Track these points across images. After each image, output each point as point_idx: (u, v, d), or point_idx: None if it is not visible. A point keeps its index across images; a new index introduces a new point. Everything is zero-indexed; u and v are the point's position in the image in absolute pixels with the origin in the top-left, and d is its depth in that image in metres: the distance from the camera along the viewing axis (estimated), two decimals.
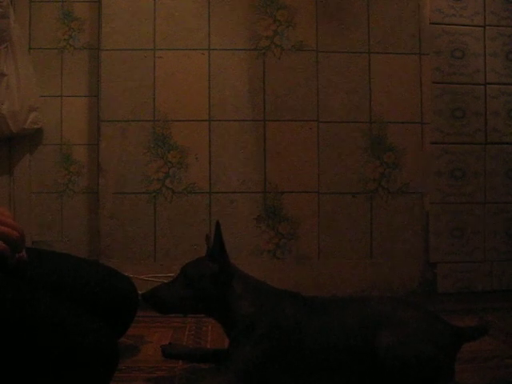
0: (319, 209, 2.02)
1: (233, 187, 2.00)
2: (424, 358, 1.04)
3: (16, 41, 1.97)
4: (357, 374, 1.10)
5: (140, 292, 1.48)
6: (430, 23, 2.06)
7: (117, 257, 1.96)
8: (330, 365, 1.11)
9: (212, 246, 1.23)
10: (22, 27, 2.03)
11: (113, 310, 1.28)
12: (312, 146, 2.02)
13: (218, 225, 1.20)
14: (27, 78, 2.00)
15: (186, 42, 2.00)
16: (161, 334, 1.65)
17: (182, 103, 1.99)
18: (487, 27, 2.09)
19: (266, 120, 2.01)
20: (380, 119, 2.04)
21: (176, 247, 1.98)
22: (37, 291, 1.02)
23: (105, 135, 1.98)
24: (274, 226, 2.01)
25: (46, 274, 1.24)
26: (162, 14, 1.99)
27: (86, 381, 0.95)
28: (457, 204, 2.08)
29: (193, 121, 2.00)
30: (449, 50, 2.07)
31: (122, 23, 1.98)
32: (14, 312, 0.93)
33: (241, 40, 2.01)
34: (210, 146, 1.99)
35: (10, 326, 0.91)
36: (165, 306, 1.23)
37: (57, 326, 0.94)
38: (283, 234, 2.02)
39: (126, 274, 1.56)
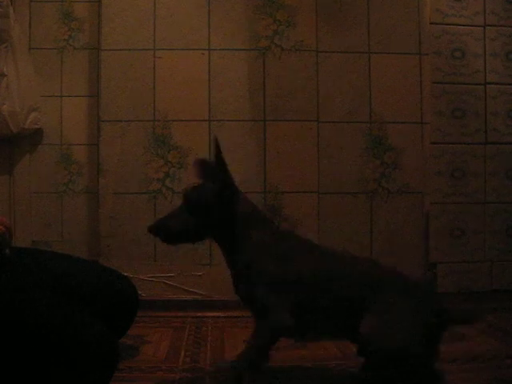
0: (319, 209, 2.02)
1: None
2: (402, 348, 1.05)
3: (16, 41, 1.97)
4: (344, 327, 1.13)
5: (140, 292, 1.49)
6: (430, 23, 2.06)
7: (117, 257, 1.96)
8: (324, 306, 1.13)
9: (214, 163, 1.17)
10: (22, 27, 2.03)
11: (113, 311, 1.28)
12: (312, 145, 2.02)
13: (216, 141, 1.15)
14: (27, 78, 2.00)
15: (186, 42, 2.00)
16: (161, 334, 1.65)
17: (182, 103, 1.99)
18: (487, 27, 2.09)
19: (266, 120, 2.01)
20: (380, 119, 2.04)
21: (176, 247, 1.97)
22: (37, 292, 1.02)
23: (105, 135, 1.98)
24: None
25: (45, 275, 1.24)
26: (162, 14, 1.99)
27: (87, 380, 0.95)
28: (457, 204, 2.08)
29: (193, 121, 2.00)
30: (449, 50, 2.07)
31: (121, 23, 1.98)
32: (14, 312, 0.93)
33: (241, 40, 2.01)
34: (210, 146, 1.99)
35: (10, 326, 0.91)
36: (171, 236, 1.19)
37: (57, 327, 0.94)
38: None
39: (126, 274, 1.56)
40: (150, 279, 1.96)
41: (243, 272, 1.16)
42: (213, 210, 1.16)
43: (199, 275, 1.98)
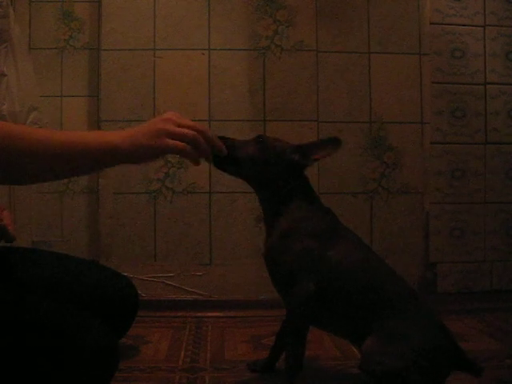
0: None
1: (233, 187, 1.99)
2: (400, 377, 1.02)
3: (16, 41, 1.96)
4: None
5: (139, 292, 1.49)
6: (430, 23, 2.06)
7: (117, 257, 1.96)
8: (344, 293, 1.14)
9: (310, 142, 1.18)
10: (21, 27, 2.02)
11: (113, 311, 1.28)
12: None
13: (335, 139, 1.15)
14: (27, 78, 2.00)
15: (186, 42, 2.00)
16: (161, 334, 1.65)
17: (182, 103, 1.99)
18: (487, 27, 2.09)
19: (266, 120, 2.01)
20: (380, 119, 2.04)
21: (176, 247, 1.98)
22: (37, 292, 1.02)
23: None
24: None
25: (45, 275, 1.25)
26: (162, 14, 1.99)
27: (87, 381, 0.95)
28: (457, 204, 2.08)
29: (193, 121, 1.99)
30: (449, 50, 2.07)
31: (121, 23, 1.98)
32: (14, 312, 0.93)
33: (241, 40, 2.01)
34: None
35: (9, 326, 0.91)
36: (226, 157, 1.08)
37: (57, 327, 0.94)
38: None
39: (126, 274, 1.56)
40: (150, 279, 1.96)
41: (278, 238, 1.17)
42: (279, 166, 1.17)
43: (199, 275, 1.98)
